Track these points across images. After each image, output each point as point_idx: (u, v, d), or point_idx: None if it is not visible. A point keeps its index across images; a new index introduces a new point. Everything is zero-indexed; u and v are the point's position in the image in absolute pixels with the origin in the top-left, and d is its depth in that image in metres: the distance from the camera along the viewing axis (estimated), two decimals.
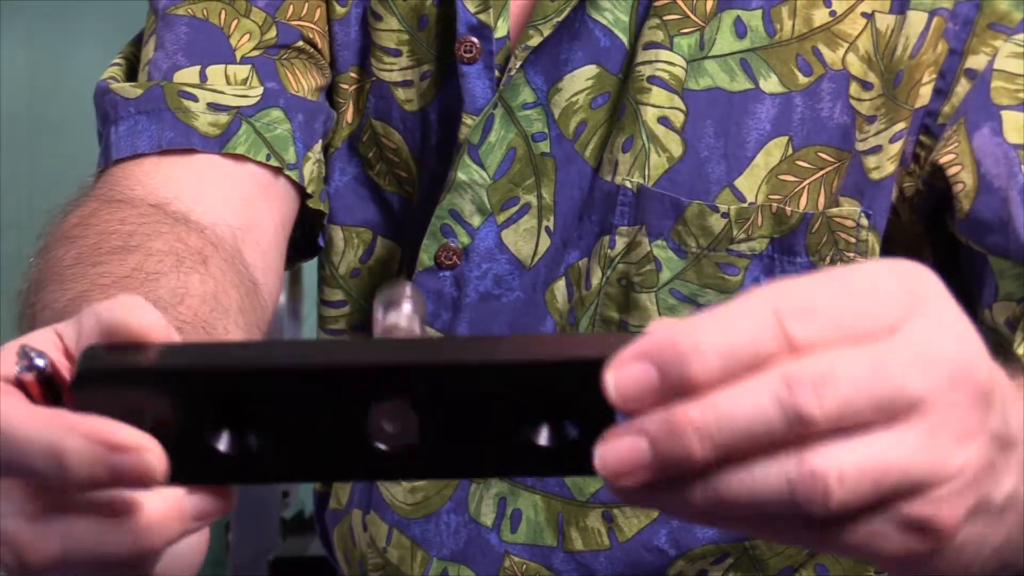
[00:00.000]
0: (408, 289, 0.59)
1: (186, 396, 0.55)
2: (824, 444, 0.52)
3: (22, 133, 3.21)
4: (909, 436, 0.53)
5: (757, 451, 0.52)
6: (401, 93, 1.07)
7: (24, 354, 0.57)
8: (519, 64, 1.01)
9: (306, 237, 1.10)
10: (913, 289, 0.54)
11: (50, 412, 0.56)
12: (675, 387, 0.52)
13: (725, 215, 1.00)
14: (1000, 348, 0.98)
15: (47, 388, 0.58)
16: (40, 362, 0.58)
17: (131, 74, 1.07)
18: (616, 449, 0.52)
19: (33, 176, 3.14)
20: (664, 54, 0.99)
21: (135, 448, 0.54)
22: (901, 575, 0.58)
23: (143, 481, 0.54)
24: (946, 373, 0.53)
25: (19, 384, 0.58)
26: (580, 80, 1.01)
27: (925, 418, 0.53)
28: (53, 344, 0.61)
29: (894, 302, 0.54)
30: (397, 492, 1.09)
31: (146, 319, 0.57)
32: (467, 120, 1.02)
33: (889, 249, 1.04)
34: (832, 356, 0.52)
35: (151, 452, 0.54)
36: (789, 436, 0.52)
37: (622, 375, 0.52)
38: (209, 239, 0.94)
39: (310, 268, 1.21)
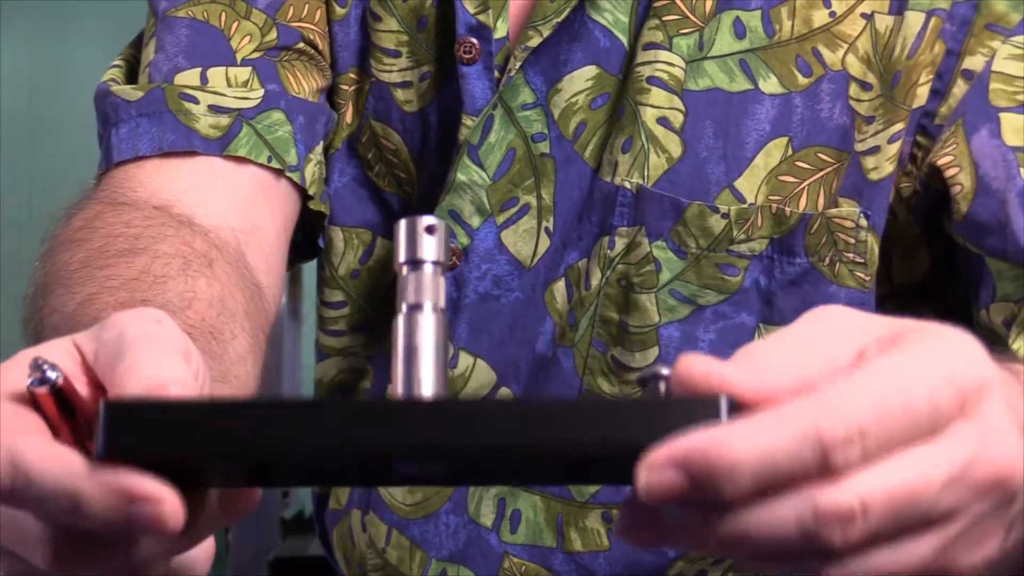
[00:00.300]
0: (430, 220, 0.58)
1: (213, 468, 0.56)
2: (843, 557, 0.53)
3: (22, 133, 3.21)
4: (928, 543, 0.54)
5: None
6: (400, 94, 1.07)
7: (37, 367, 0.57)
8: (519, 65, 1.01)
9: (307, 238, 1.10)
10: (965, 389, 0.55)
11: (69, 455, 0.56)
12: (704, 498, 0.52)
13: (725, 216, 1.00)
14: (995, 346, 0.99)
15: (60, 402, 0.58)
16: (53, 375, 0.57)
17: (131, 76, 1.07)
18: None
19: (33, 176, 3.14)
20: (663, 55, 0.99)
21: (152, 499, 0.54)
22: None
23: (158, 531, 0.54)
24: (978, 488, 0.55)
25: (31, 397, 0.57)
26: (580, 81, 1.01)
27: (948, 527, 0.54)
28: (70, 356, 0.61)
29: (943, 409, 0.54)
30: (396, 493, 1.09)
31: (173, 377, 0.57)
32: (467, 121, 1.02)
33: (887, 250, 1.05)
34: (866, 488, 0.52)
35: (167, 503, 0.54)
36: (807, 548, 0.53)
37: (654, 479, 0.52)
38: (213, 242, 0.94)
39: (310, 268, 1.21)
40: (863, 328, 0.57)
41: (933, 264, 1.07)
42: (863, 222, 1.01)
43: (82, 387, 0.60)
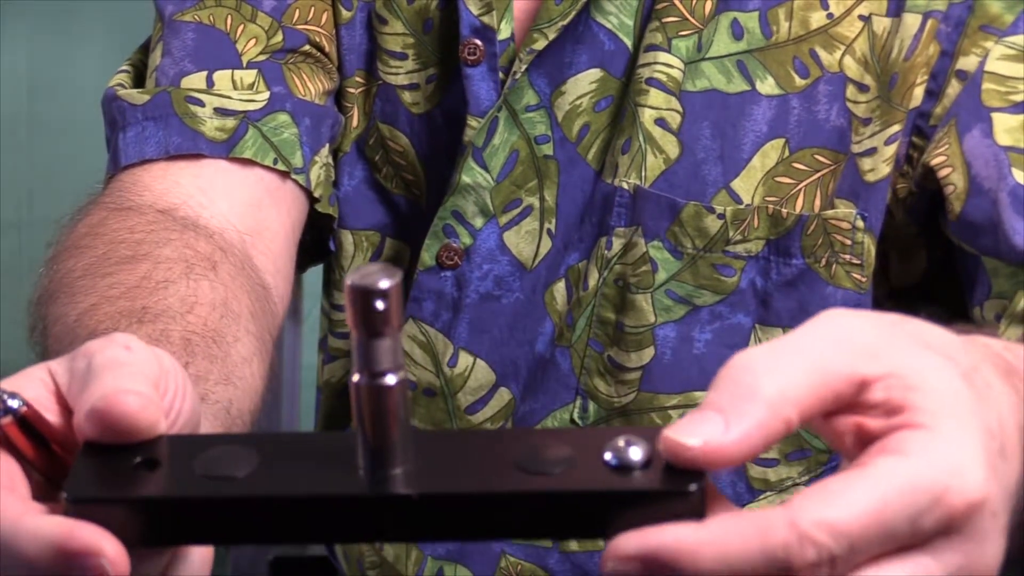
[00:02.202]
0: (383, 285, 0.55)
1: (182, 521, 0.56)
2: None
3: (22, 133, 3.21)
4: None
5: None
6: (407, 96, 1.07)
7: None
8: (524, 67, 1.01)
9: (316, 241, 1.11)
10: (955, 512, 0.54)
11: (15, 508, 0.55)
12: None
13: (721, 216, 1.01)
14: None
15: (28, 431, 0.57)
16: (15, 403, 0.57)
17: (138, 81, 1.07)
18: None
19: (33, 176, 3.14)
20: (662, 56, 1.00)
21: (90, 552, 0.54)
22: None
23: None
24: None
25: None
26: (584, 83, 1.02)
27: None
28: (43, 384, 0.61)
29: (927, 530, 0.54)
30: None
31: (132, 407, 0.56)
32: (472, 122, 1.03)
33: (885, 251, 1.05)
34: None
35: (106, 556, 0.54)
36: None
37: (619, 568, 0.53)
38: (218, 244, 0.94)
39: (311, 270, 1.21)
40: (871, 349, 0.56)
41: (931, 265, 1.07)
42: (859, 223, 1.02)
43: (54, 416, 0.60)
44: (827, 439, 0.58)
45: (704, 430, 0.54)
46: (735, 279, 1.02)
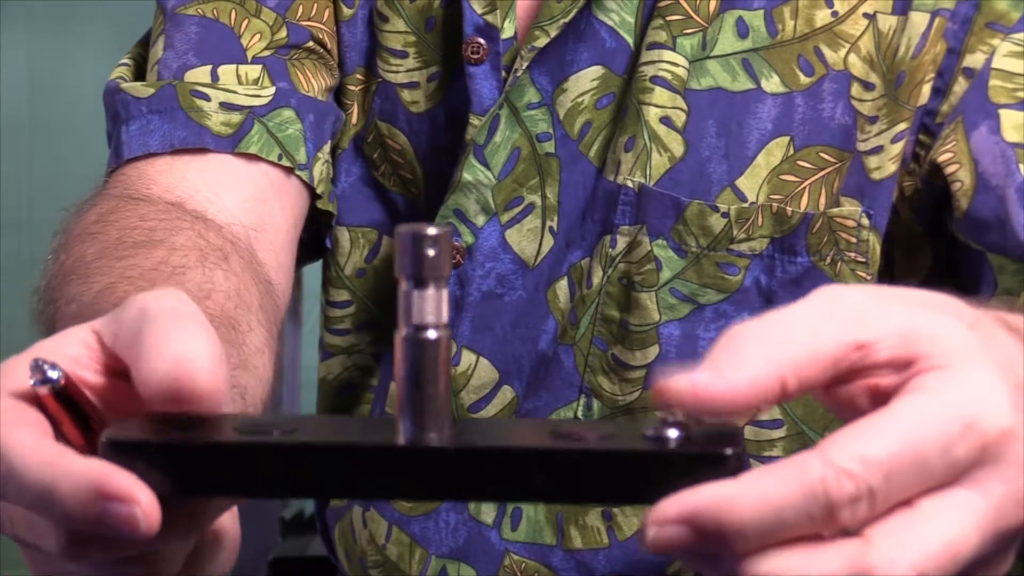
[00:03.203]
0: (433, 230, 0.55)
1: (219, 469, 0.56)
2: None
3: (22, 133, 3.21)
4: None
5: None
6: (407, 95, 1.07)
7: (37, 368, 0.56)
8: (525, 65, 1.01)
9: (312, 238, 1.11)
10: (985, 435, 0.54)
11: (52, 450, 0.55)
12: (710, 550, 0.52)
13: (725, 215, 1.01)
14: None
15: (64, 401, 0.57)
16: (54, 375, 0.56)
17: (139, 74, 1.07)
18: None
19: (33, 176, 3.14)
20: (667, 54, 1.00)
21: (126, 499, 0.53)
22: None
23: (131, 533, 0.53)
24: (1001, 536, 0.55)
25: (35, 397, 0.57)
26: (585, 81, 1.02)
27: (975, 571, 0.55)
28: (86, 344, 0.60)
29: (962, 458, 0.54)
30: None
31: (200, 353, 0.56)
32: (474, 121, 1.03)
33: (889, 248, 1.05)
34: (913, 550, 0.52)
35: (142, 505, 0.53)
36: None
37: (662, 534, 0.52)
38: (228, 237, 0.94)
39: (310, 269, 1.21)
40: (864, 315, 0.56)
41: (936, 262, 1.07)
42: (865, 221, 1.01)
43: (94, 375, 0.59)
44: (841, 412, 0.58)
45: (694, 376, 0.55)
46: (739, 277, 1.02)
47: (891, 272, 1.08)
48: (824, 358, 0.56)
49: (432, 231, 0.54)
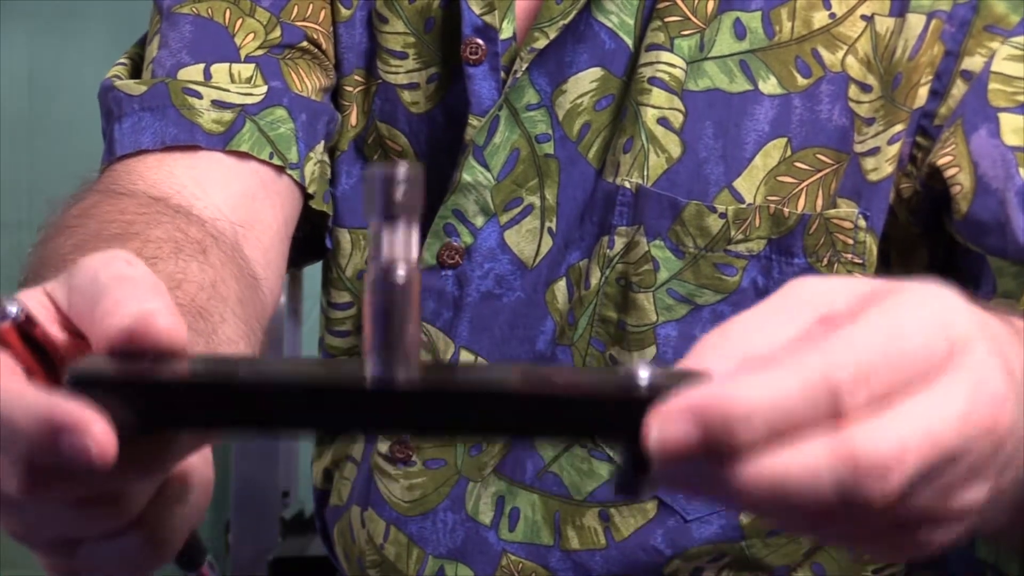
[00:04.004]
0: (401, 169, 0.55)
1: (182, 402, 0.55)
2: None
3: (22, 133, 3.21)
4: (941, 485, 0.55)
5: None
6: (407, 95, 1.07)
7: None
8: (525, 66, 1.01)
9: (311, 237, 1.11)
10: (952, 336, 0.55)
11: (14, 385, 0.55)
12: (717, 447, 0.52)
13: (723, 216, 1.01)
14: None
15: (27, 340, 0.57)
16: (13, 309, 0.56)
17: (136, 74, 1.08)
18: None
19: (33, 176, 3.14)
20: (665, 55, 1.00)
21: (77, 428, 0.53)
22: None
23: (83, 462, 0.53)
24: (978, 430, 0.55)
25: None
26: (585, 82, 1.02)
27: (955, 469, 0.55)
28: (42, 305, 0.60)
29: (936, 355, 0.55)
30: (395, 489, 1.10)
31: (164, 327, 0.55)
32: (473, 121, 1.03)
33: (886, 250, 1.05)
34: (893, 434, 0.53)
35: (92, 436, 0.53)
36: (839, 504, 0.53)
37: (666, 430, 0.52)
38: (209, 231, 0.94)
39: (310, 270, 1.21)
40: (827, 294, 0.57)
41: (932, 264, 1.07)
42: (862, 223, 1.02)
43: (57, 331, 0.59)
44: None
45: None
46: (737, 278, 1.02)
47: (888, 273, 1.08)
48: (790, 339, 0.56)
49: (401, 169, 0.54)
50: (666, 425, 0.52)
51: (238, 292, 0.91)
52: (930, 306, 0.56)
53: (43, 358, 0.57)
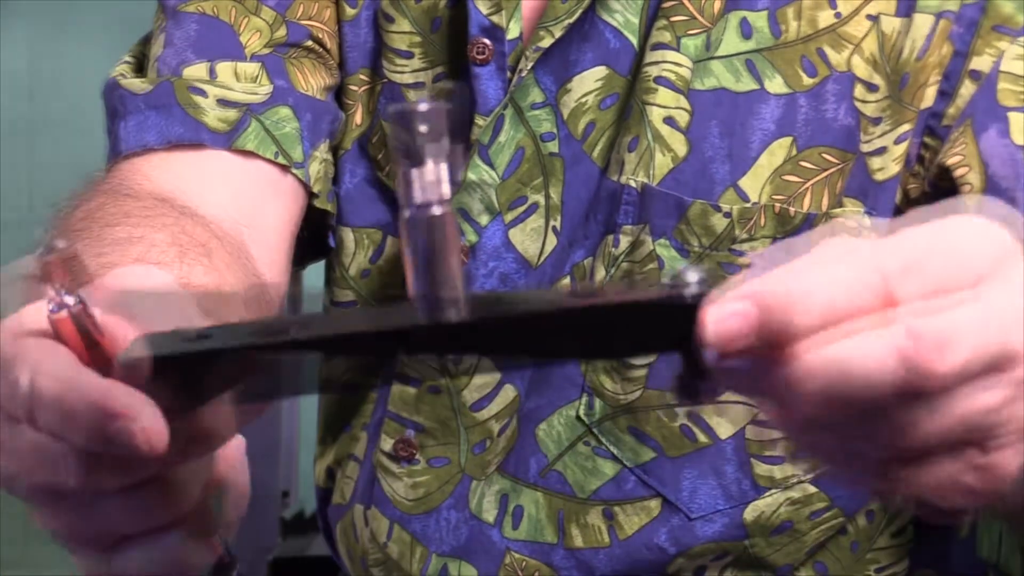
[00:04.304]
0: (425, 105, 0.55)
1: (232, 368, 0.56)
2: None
3: (22, 133, 3.21)
4: (1000, 390, 0.56)
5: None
6: (412, 95, 1.07)
7: (56, 292, 0.57)
8: (530, 65, 1.01)
9: (314, 236, 1.11)
10: (999, 243, 0.56)
11: (71, 372, 0.56)
12: (774, 334, 0.52)
13: (728, 215, 1.01)
14: None
15: (80, 330, 0.58)
16: (70, 300, 0.57)
17: (140, 72, 1.08)
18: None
19: (33, 176, 3.14)
20: (671, 55, 1.00)
21: (128, 414, 0.54)
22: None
23: (133, 446, 0.54)
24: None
25: (52, 326, 0.58)
26: (589, 81, 1.02)
27: (1013, 373, 0.56)
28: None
29: (985, 256, 0.56)
30: (399, 487, 1.10)
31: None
32: (478, 121, 1.03)
33: None
34: (951, 316, 0.54)
35: (142, 420, 0.54)
36: (903, 384, 0.53)
37: (723, 314, 0.53)
38: (214, 232, 0.94)
39: (311, 268, 1.21)
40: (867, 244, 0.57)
41: None
42: (867, 222, 1.02)
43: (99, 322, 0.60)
44: None
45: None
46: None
47: None
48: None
49: (423, 107, 0.54)
50: (722, 313, 0.52)
51: (243, 294, 0.91)
52: (975, 223, 0.56)
53: (94, 351, 0.58)
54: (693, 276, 0.54)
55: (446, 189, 0.55)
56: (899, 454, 0.56)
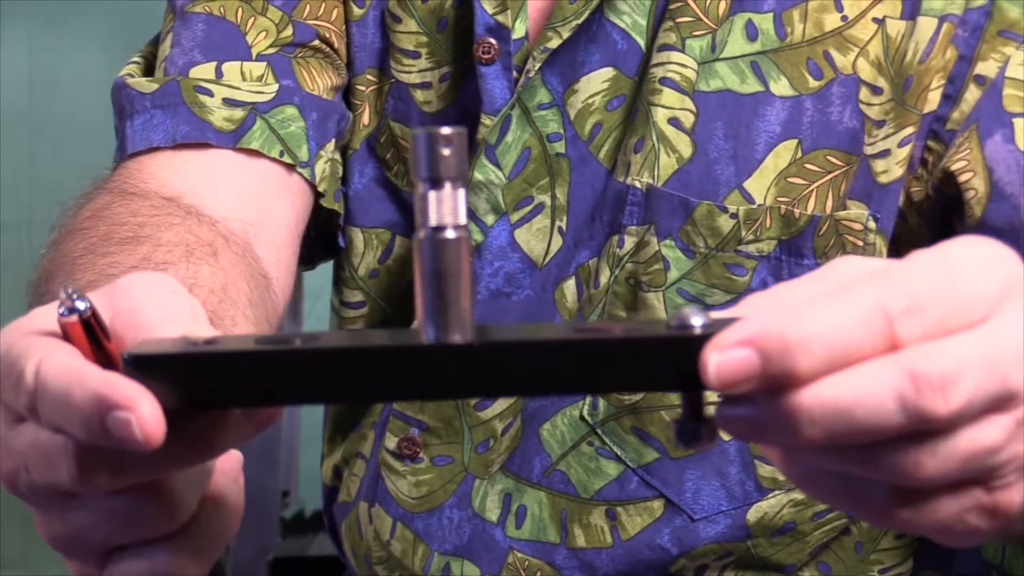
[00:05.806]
0: (447, 131, 0.55)
1: (240, 376, 0.56)
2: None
3: (22, 133, 3.21)
4: (1003, 423, 0.56)
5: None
6: (420, 95, 1.07)
7: (67, 296, 0.58)
8: (537, 66, 1.01)
9: (322, 236, 1.11)
10: (1003, 278, 0.57)
11: (76, 365, 0.56)
12: (776, 377, 0.53)
13: (734, 216, 1.01)
14: None
15: (89, 334, 0.58)
16: (82, 305, 0.58)
17: (148, 72, 1.08)
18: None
19: (33, 176, 3.14)
20: (676, 56, 1.00)
21: (125, 406, 0.54)
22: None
23: (129, 440, 0.54)
24: None
25: (62, 329, 0.58)
26: (596, 82, 1.02)
27: (1018, 409, 0.56)
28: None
29: (989, 293, 0.56)
30: (402, 486, 1.10)
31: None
32: (485, 120, 1.03)
33: (896, 252, 1.05)
34: (952, 356, 0.54)
35: (139, 413, 0.54)
36: (905, 426, 0.54)
37: (725, 359, 0.53)
38: (220, 232, 0.95)
39: (314, 269, 1.21)
40: (870, 270, 0.58)
41: None
42: (872, 224, 1.02)
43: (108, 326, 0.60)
44: None
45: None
46: (747, 279, 1.03)
47: None
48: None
49: (446, 131, 0.55)
50: (724, 354, 0.53)
51: (248, 294, 0.91)
52: (981, 251, 0.57)
53: (100, 352, 0.59)
54: (698, 320, 0.55)
55: (462, 214, 0.56)
56: (902, 494, 0.56)
